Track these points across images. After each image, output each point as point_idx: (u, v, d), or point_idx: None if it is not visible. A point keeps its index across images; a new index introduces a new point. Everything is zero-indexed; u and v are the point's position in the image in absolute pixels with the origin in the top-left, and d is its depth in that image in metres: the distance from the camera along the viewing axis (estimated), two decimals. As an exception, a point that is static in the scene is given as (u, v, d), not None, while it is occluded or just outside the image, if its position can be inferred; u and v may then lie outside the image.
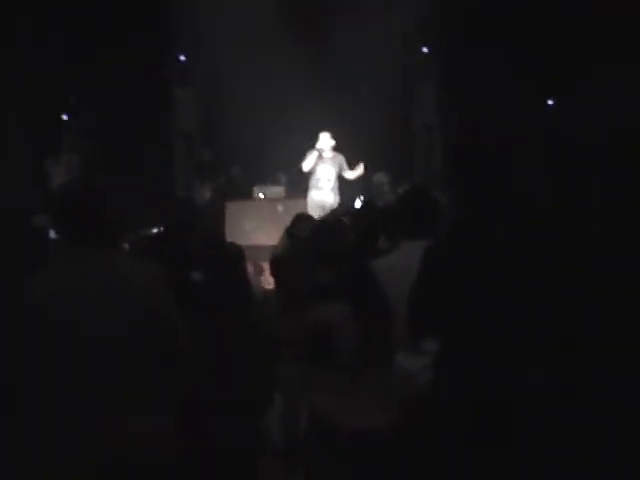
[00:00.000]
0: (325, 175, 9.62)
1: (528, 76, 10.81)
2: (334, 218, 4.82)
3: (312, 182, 9.70)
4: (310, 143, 9.61)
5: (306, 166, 9.57)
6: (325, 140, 9.58)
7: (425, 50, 12.43)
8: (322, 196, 9.63)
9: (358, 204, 10.43)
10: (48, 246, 3.78)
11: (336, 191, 9.72)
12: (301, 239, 4.44)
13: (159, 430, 2.79)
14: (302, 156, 9.64)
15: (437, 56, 12.26)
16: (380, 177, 10.20)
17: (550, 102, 11.92)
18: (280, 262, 4.97)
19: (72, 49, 10.94)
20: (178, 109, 12.60)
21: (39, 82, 10.54)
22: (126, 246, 5.69)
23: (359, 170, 9.75)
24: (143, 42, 11.04)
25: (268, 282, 5.54)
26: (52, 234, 3.67)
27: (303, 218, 5.52)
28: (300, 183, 10.18)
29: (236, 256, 4.33)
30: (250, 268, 4.78)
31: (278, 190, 11.11)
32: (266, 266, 5.85)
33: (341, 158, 9.67)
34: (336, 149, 9.66)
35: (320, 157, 9.57)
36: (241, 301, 4.24)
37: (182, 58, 12.39)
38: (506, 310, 2.56)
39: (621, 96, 8.90)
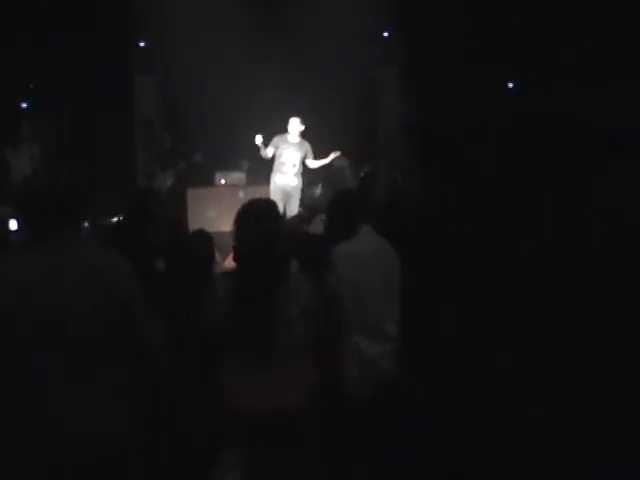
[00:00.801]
0: (290, 160, 9.63)
1: (489, 59, 10.85)
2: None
3: (276, 166, 9.70)
4: (272, 129, 9.63)
5: (269, 152, 9.60)
6: (294, 125, 9.61)
7: (386, 34, 12.44)
8: (285, 180, 9.66)
9: (319, 190, 10.49)
10: (9, 237, 3.76)
11: (299, 176, 9.73)
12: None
13: (126, 418, 2.80)
14: (265, 142, 9.64)
15: (399, 40, 12.27)
16: (341, 162, 10.24)
17: (510, 85, 11.99)
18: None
19: (29, 34, 10.77)
20: (139, 96, 12.46)
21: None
22: (88, 235, 5.66)
23: (324, 160, 9.79)
24: (102, 27, 10.89)
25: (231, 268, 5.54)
26: (13, 225, 3.65)
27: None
28: (262, 169, 10.17)
29: (205, 243, 4.35)
30: (217, 255, 4.78)
31: (239, 176, 11.10)
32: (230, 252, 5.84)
33: (307, 145, 9.69)
34: (302, 135, 9.68)
35: (286, 141, 9.61)
36: (207, 288, 4.25)
37: (142, 44, 12.24)
38: (468, 296, 2.60)
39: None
